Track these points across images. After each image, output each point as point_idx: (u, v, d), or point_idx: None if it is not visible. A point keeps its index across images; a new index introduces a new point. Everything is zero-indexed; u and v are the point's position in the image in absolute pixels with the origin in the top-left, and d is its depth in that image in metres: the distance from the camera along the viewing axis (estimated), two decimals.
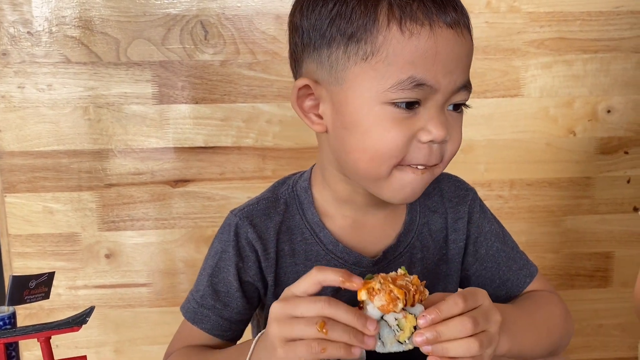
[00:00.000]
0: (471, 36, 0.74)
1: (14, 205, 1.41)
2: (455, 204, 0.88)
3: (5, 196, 1.41)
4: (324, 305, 0.61)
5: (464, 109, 0.75)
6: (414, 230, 0.86)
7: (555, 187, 1.53)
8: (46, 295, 0.78)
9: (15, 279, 0.75)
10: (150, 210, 1.45)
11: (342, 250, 0.82)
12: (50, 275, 0.78)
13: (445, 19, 0.69)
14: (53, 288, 0.79)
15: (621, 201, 1.56)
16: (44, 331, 0.75)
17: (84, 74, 1.37)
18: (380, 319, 0.62)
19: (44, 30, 1.35)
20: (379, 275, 0.64)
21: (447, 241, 0.88)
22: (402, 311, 0.62)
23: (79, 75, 1.37)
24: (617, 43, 1.46)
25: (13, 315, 0.79)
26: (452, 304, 0.63)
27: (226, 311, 0.83)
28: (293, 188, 0.85)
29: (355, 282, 0.62)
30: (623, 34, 1.46)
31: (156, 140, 1.41)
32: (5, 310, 0.78)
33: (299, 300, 0.63)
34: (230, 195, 1.45)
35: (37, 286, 0.77)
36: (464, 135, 0.76)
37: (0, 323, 0.77)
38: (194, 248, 1.47)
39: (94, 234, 1.44)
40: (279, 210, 0.83)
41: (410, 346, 0.63)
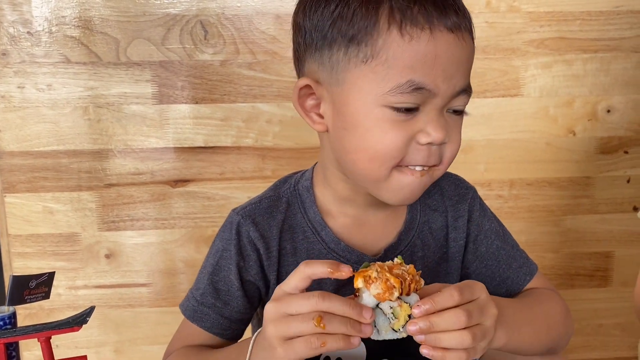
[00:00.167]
0: (473, 40, 0.73)
1: (13, 205, 1.41)
2: (455, 202, 0.88)
3: (5, 196, 1.41)
4: (318, 300, 0.61)
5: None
6: (415, 228, 0.86)
7: (555, 187, 1.53)
8: (46, 295, 0.78)
9: (15, 279, 0.75)
10: (150, 210, 1.45)
11: (344, 249, 0.82)
12: (50, 275, 0.78)
13: (446, 23, 0.69)
14: (53, 288, 0.79)
15: (621, 201, 1.56)
16: (44, 331, 0.75)
17: (83, 74, 1.37)
18: (376, 307, 0.63)
19: (43, 30, 1.35)
20: (375, 263, 0.64)
21: (448, 239, 0.88)
22: (398, 300, 0.62)
23: (78, 75, 1.37)
24: (617, 43, 1.46)
25: (13, 315, 0.79)
26: (448, 296, 0.63)
27: (226, 310, 0.83)
28: (295, 187, 0.85)
29: (344, 272, 0.63)
30: (623, 33, 1.46)
31: (156, 140, 1.41)
32: (5, 310, 0.78)
33: (292, 297, 0.63)
34: (230, 195, 1.45)
35: (37, 286, 0.77)
36: (463, 135, 0.76)
37: (1, 323, 0.77)
38: (194, 248, 1.47)
39: (93, 234, 1.44)
40: (281, 209, 0.83)
41: (404, 334, 0.63)
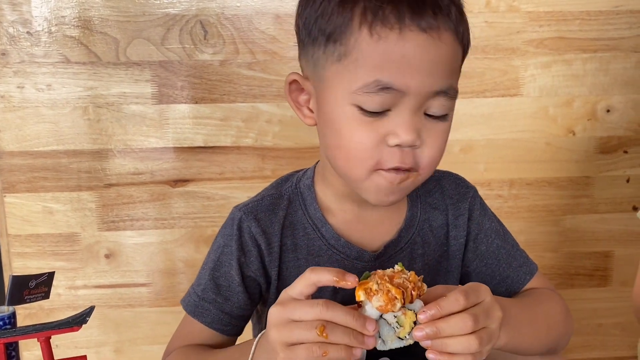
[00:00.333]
0: (461, 40, 0.72)
1: (13, 205, 1.41)
2: (456, 201, 0.89)
3: (5, 196, 1.41)
4: (322, 309, 0.61)
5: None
6: (415, 226, 0.86)
7: (555, 187, 1.53)
8: (46, 295, 0.78)
9: (15, 279, 0.75)
10: (150, 210, 1.45)
11: (344, 245, 0.82)
12: (50, 275, 0.78)
13: (419, 23, 0.68)
14: (53, 288, 0.79)
15: (620, 200, 1.56)
16: (44, 331, 0.75)
17: (83, 74, 1.37)
18: (379, 318, 0.62)
19: (43, 30, 1.35)
20: (376, 273, 0.63)
21: (448, 238, 0.88)
22: (401, 309, 0.62)
23: (78, 75, 1.37)
24: (617, 42, 1.46)
25: (13, 315, 0.79)
26: (453, 301, 0.62)
27: (227, 305, 0.83)
28: (297, 185, 0.86)
29: (349, 281, 0.62)
30: (622, 33, 1.46)
31: (156, 140, 1.41)
32: (5, 310, 0.78)
33: (297, 303, 0.63)
34: (229, 195, 1.45)
35: (37, 286, 0.77)
36: (463, 135, 0.76)
37: (0, 323, 0.77)
38: (193, 248, 1.47)
39: (93, 234, 1.44)
40: (283, 206, 0.84)
41: (410, 341, 0.63)
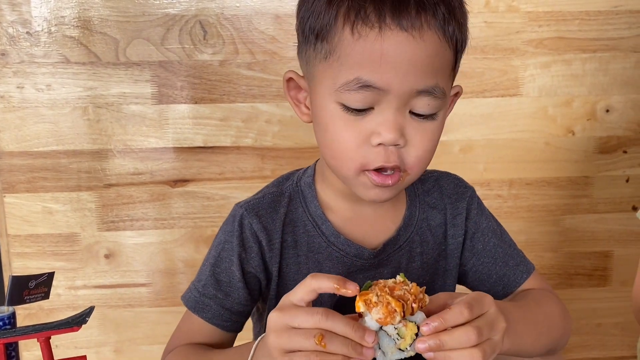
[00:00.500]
0: (448, 39, 0.72)
1: (13, 205, 1.41)
2: (454, 200, 0.89)
3: (5, 196, 1.41)
4: (321, 318, 0.60)
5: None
6: (414, 224, 0.87)
7: (554, 187, 1.53)
8: (46, 296, 0.78)
9: (15, 279, 0.75)
10: (150, 210, 1.45)
11: (343, 242, 0.83)
12: (49, 275, 0.78)
13: (400, 22, 0.68)
14: (53, 288, 0.79)
15: (620, 200, 1.56)
16: (44, 331, 0.75)
17: (83, 74, 1.37)
18: (380, 329, 0.61)
19: (43, 31, 1.35)
20: (377, 284, 0.62)
21: (446, 236, 0.89)
22: (402, 320, 0.61)
23: (78, 75, 1.37)
24: (616, 42, 1.46)
25: (13, 315, 0.79)
26: (457, 313, 0.61)
27: (227, 301, 0.84)
28: (297, 183, 0.86)
29: (350, 289, 0.62)
30: (622, 33, 1.46)
31: (155, 140, 1.41)
32: (5, 310, 0.78)
33: (297, 310, 0.63)
34: (229, 195, 1.45)
35: (37, 286, 0.77)
36: (463, 135, 0.76)
37: (0, 323, 0.77)
38: (193, 248, 1.47)
39: (93, 234, 1.44)
40: (284, 204, 0.85)
41: (412, 353, 0.62)
